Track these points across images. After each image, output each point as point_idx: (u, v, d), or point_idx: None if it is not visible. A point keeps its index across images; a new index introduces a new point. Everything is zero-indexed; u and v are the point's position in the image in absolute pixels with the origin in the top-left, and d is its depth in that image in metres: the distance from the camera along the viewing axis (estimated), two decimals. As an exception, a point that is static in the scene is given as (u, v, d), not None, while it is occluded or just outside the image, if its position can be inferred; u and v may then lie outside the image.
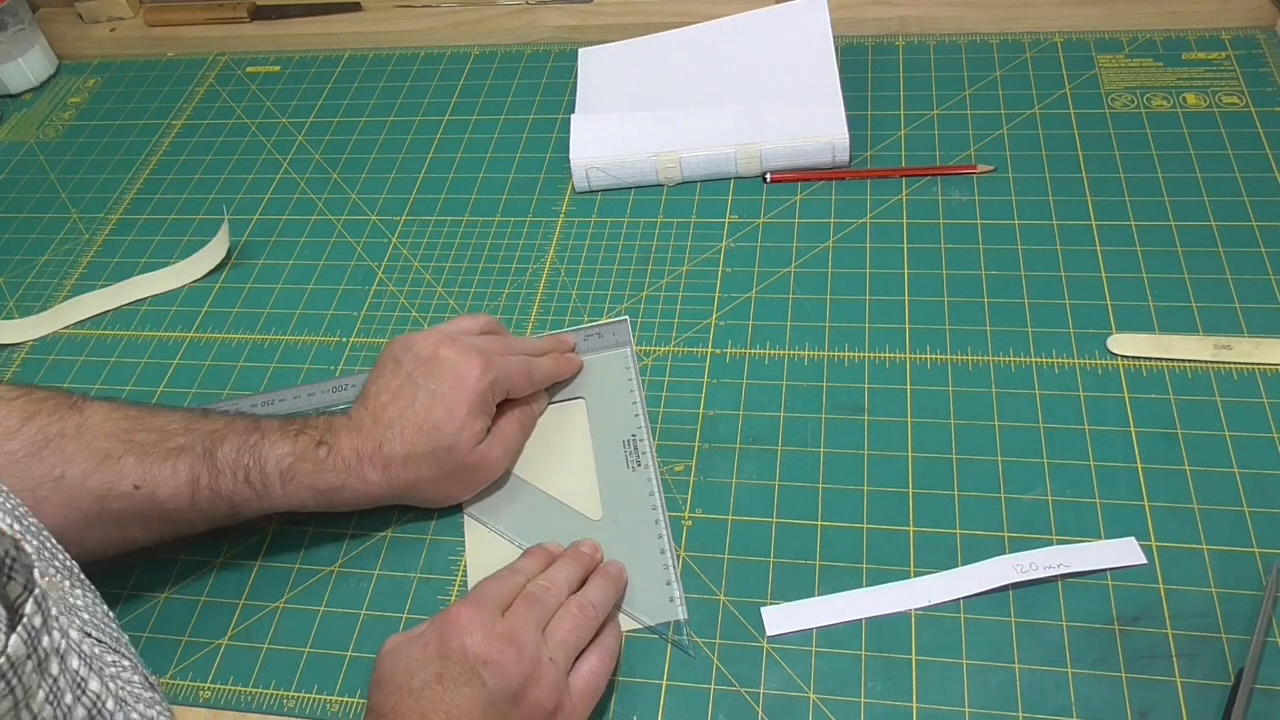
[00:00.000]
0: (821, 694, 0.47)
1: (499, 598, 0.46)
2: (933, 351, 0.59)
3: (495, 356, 0.53)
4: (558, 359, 0.59)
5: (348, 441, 0.51)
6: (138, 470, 0.48)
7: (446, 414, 0.51)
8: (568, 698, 0.44)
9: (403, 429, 0.51)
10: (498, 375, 0.53)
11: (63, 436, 0.48)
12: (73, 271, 0.74)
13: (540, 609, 0.46)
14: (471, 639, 0.42)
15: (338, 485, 0.50)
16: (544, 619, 0.46)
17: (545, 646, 0.44)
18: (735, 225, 0.68)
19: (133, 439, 0.49)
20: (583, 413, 0.58)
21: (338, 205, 0.75)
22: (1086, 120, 0.70)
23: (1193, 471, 0.52)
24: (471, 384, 0.52)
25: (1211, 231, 0.62)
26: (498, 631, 0.43)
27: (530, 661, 0.43)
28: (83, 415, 0.49)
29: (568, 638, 0.45)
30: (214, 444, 0.50)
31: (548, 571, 0.48)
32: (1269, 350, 0.56)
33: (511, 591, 0.47)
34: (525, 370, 0.55)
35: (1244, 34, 0.75)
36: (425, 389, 0.51)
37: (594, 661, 0.46)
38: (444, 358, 0.52)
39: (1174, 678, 0.45)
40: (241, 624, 0.53)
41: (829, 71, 0.72)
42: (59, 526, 0.45)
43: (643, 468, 0.55)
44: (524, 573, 0.48)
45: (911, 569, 0.50)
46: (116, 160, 0.83)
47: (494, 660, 0.42)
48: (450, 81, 0.84)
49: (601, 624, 0.48)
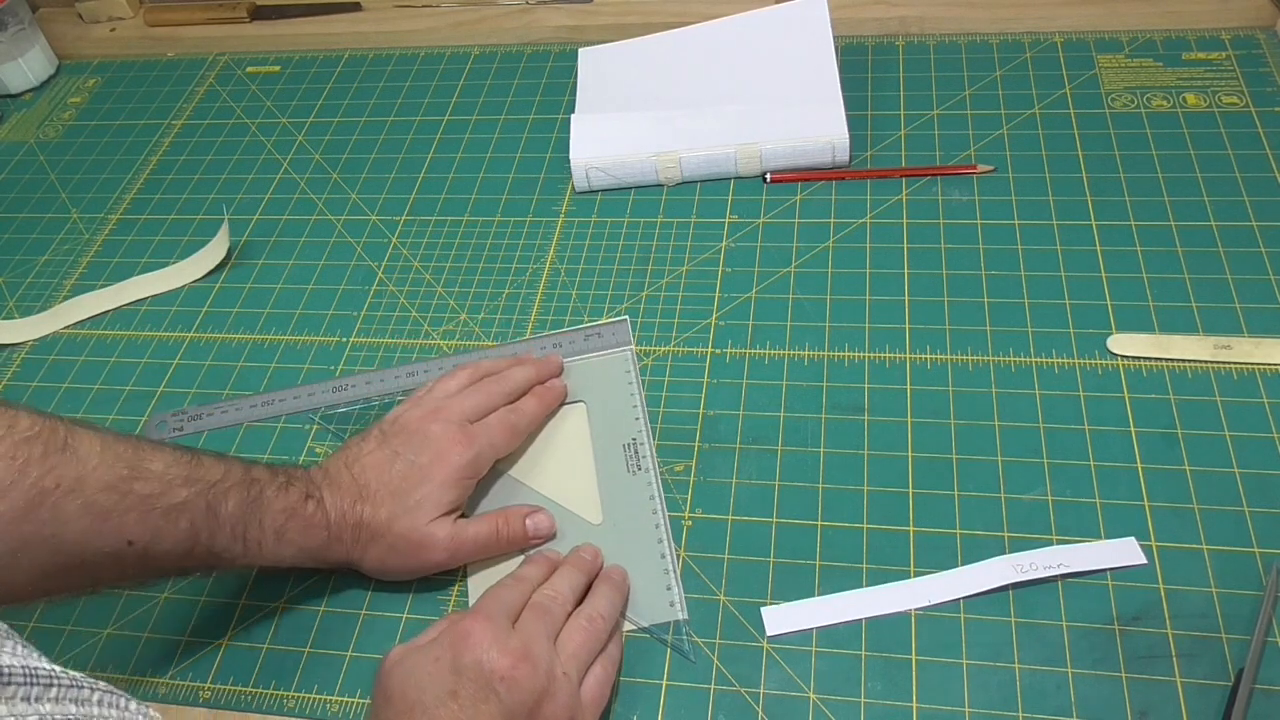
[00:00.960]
0: (821, 694, 0.47)
1: (508, 608, 0.45)
2: (933, 351, 0.59)
3: (478, 430, 0.53)
4: (541, 397, 0.58)
5: (330, 498, 0.50)
6: (138, 529, 0.45)
7: (419, 481, 0.51)
8: (580, 710, 0.44)
9: (376, 491, 0.50)
10: (481, 450, 0.53)
11: (59, 491, 0.43)
12: (73, 271, 0.74)
13: (550, 621, 0.45)
14: (486, 654, 0.42)
15: (321, 544, 0.50)
16: (554, 630, 0.45)
17: (558, 660, 0.44)
18: (735, 225, 0.68)
19: (131, 490, 0.45)
20: (583, 416, 0.58)
21: (338, 205, 0.75)
22: (1086, 120, 0.70)
23: (1193, 471, 0.52)
24: (453, 460, 0.51)
25: (1211, 231, 0.62)
26: (512, 646, 0.43)
27: (545, 676, 0.42)
28: (79, 461, 0.44)
29: (579, 651, 0.45)
30: (216, 499, 0.47)
31: (552, 580, 0.48)
32: (1269, 350, 0.56)
33: (519, 601, 0.46)
34: (510, 427, 0.55)
35: (1244, 34, 0.75)
36: (404, 459, 0.51)
37: (600, 672, 0.46)
38: (429, 433, 0.52)
39: (1174, 678, 0.45)
40: (241, 624, 0.53)
41: (829, 71, 0.72)
42: (30, 579, 0.43)
43: (643, 471, 0.55)
44: (529, 581, 0.48)
45: (911, 569, 0.50)
46: (116, 160, 0.83)
47: (509, 676, 0.41)
48: (450, 81, 0.84)
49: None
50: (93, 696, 0.29)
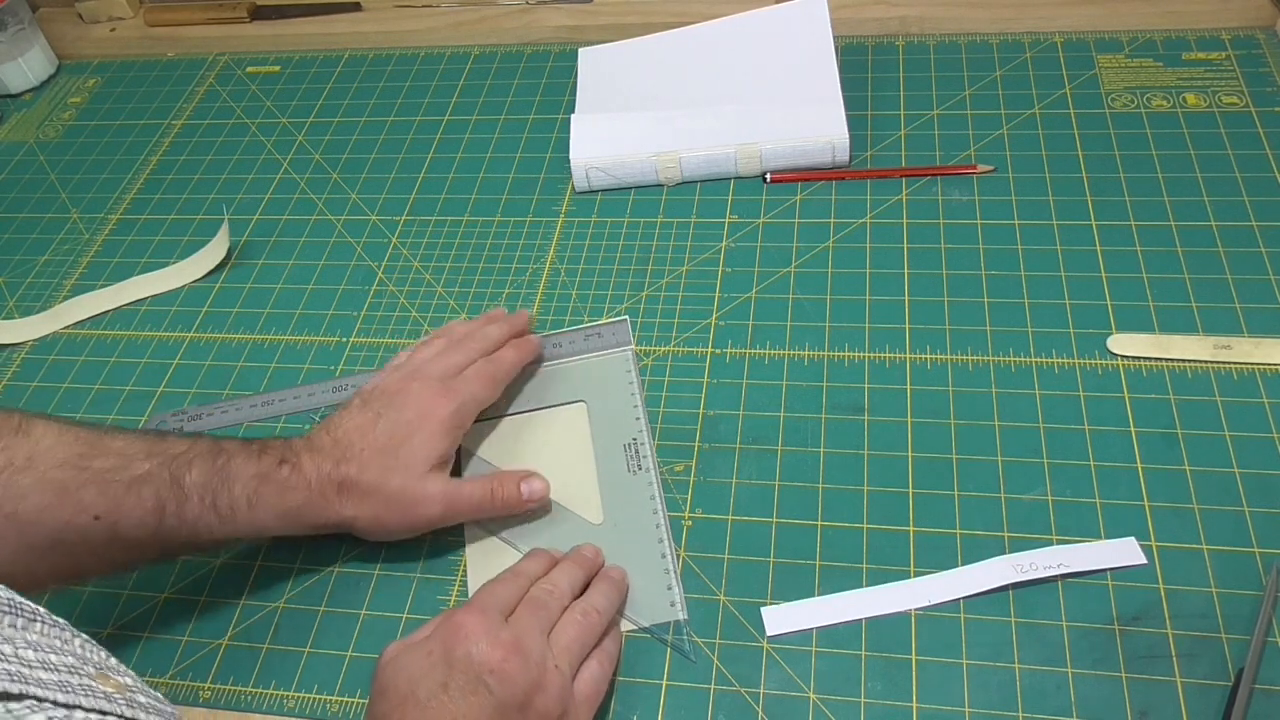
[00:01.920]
0: (821, 694, 0.47)
1: (503, 602, 0.45)
2: (933, 351, 0.59)
3: (458, 384, 0.53)
4: (519, 348, 0.58)
5: (308, 460, 0.50)
6: (100, 501, 0.46)
7: (406, 437, 0.51)
8: (572, 704, 0.44)
9: (361, 450, 0.50)
10: (464, 401, 0.53)
11: (12, 469, 0.45)
12: (73, 271, 0.74)
13: (545, 615, 0.45)
14: (477, 646, 0.42)
15: (299, 504, 0.50)
16: (549, 624, 0.45)
17: (551, 653, 0.44)
18: (735, 225, 0.68)
19: (89, 466, 0.46)
20: (584, 416, 0.58)
21: (338, 205, 0.75)
22: (1086, 120, 0.70)
23: (1193, 471, 0.52)
24: (437, 413, 0.52)
25: (1211, 231, 0.62)
26: (503, 639, 0.43)
27: (536, 669, 0.42)
28: (32, 441, 0.46)
29: (572, 644, 0.45)
30: (180, 469, 0.48)
31: (550, 575, 0.48)
32: (1269, 350, 0.56)
33: (515, 595, 0.46)
34: (489, 377, 0.55)
35: (1244, 34, 0.75)
36: (388, 418, 0.51)
37: (595, 667, 0.46)
38: (410, 390, 0.52)
39: (1174, 678, 0.45)
40: (241, 624, 0.53)
41: (829, 71, 0.72)
42: (8, 563, 0.44)
43: (644, 471, 0.55)
44: (526, 575, 0.48)
45: (911, 569, 0.50)
46: (116, 160, 0.83)
47: (500, 668, 0.41)
48: (450, 81, 0.84)
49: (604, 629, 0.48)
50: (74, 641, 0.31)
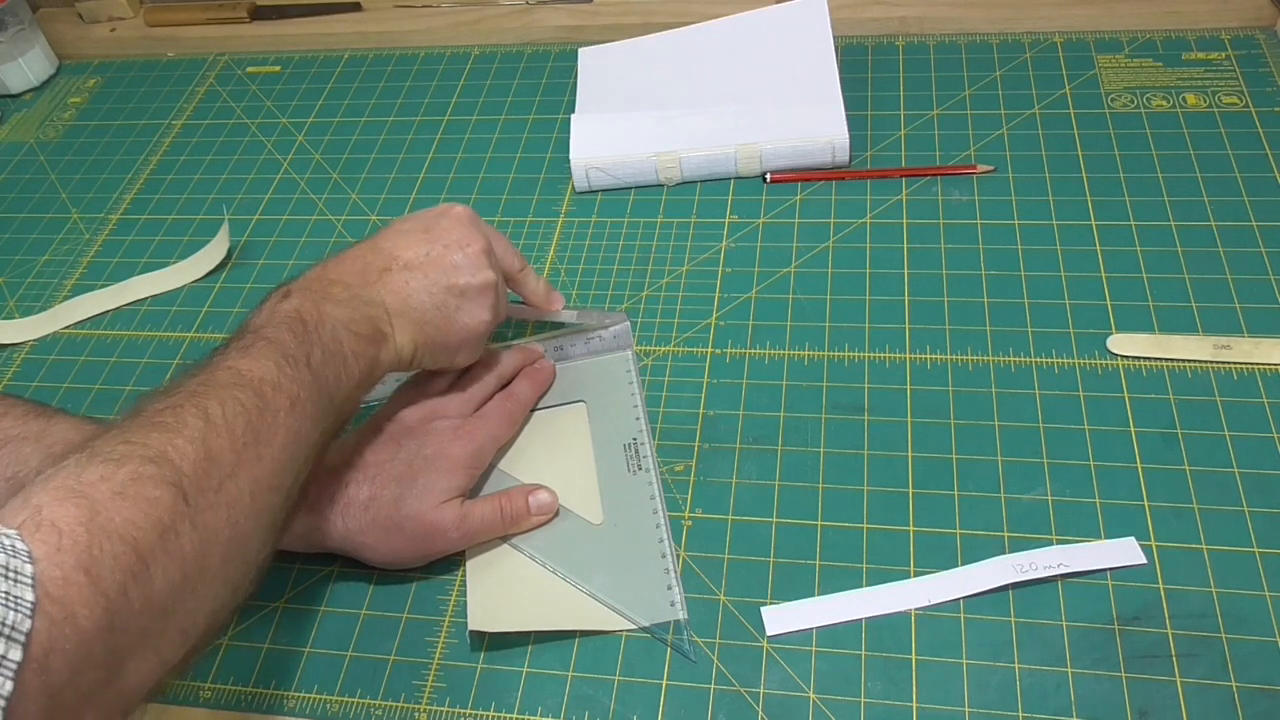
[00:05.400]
0: (821, 694, 0.47)
1: None
2: (933, 351, 0.59)
3: (478, 424, 0.54)
4: (533, 379, 0.59)
5: (310, 476, 0.50)
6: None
7: (424, 469, 0.51)
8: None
9: (374, 475, 0.51)
10: (482, 443, 0.53)
11: (22, 440, 0.48)
12: (73, 271, 0.74)
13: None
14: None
15: (306, 524, 0.50)
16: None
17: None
18: (735, 225, 0.68)
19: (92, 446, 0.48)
20: (584, 416, 0.58)
21: (338, 205, 0.75)
22: (1086, 120, 0.70)
23: (1193, 471, 0.52)
24: (456, 453, 0.52)
25: (1211, 231, 0.62)
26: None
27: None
28: (48, 422, 0.49)
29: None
30: None
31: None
32: (1269, 350, 0.56)
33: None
34: (508, 416, 0.56)
35: (1244, 34, 0.75)
36: (408, 449, 0.52)
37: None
38: (430, 429, 0.53)
39: (1174, 678, 0.45)
40: (241, 624, 0.53)
41: (829, 71, 0.72)
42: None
43: (644, 471, 0.55)
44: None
45: (911, 569, 0.50)
46: (116, 160, 0.83)
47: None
48: (450, 81, 0.84)
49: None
50: None
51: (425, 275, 0.51)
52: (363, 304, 0.49)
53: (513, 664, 0.49)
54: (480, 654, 0.50)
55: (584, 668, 0.49)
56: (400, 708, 0.49)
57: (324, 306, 0.48)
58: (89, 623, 0.33)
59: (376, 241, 0.53)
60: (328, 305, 0.48)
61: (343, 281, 0.50)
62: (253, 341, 0.45)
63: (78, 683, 0.33)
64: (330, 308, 0.48)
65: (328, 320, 0.47)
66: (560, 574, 0.52)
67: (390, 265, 0.51)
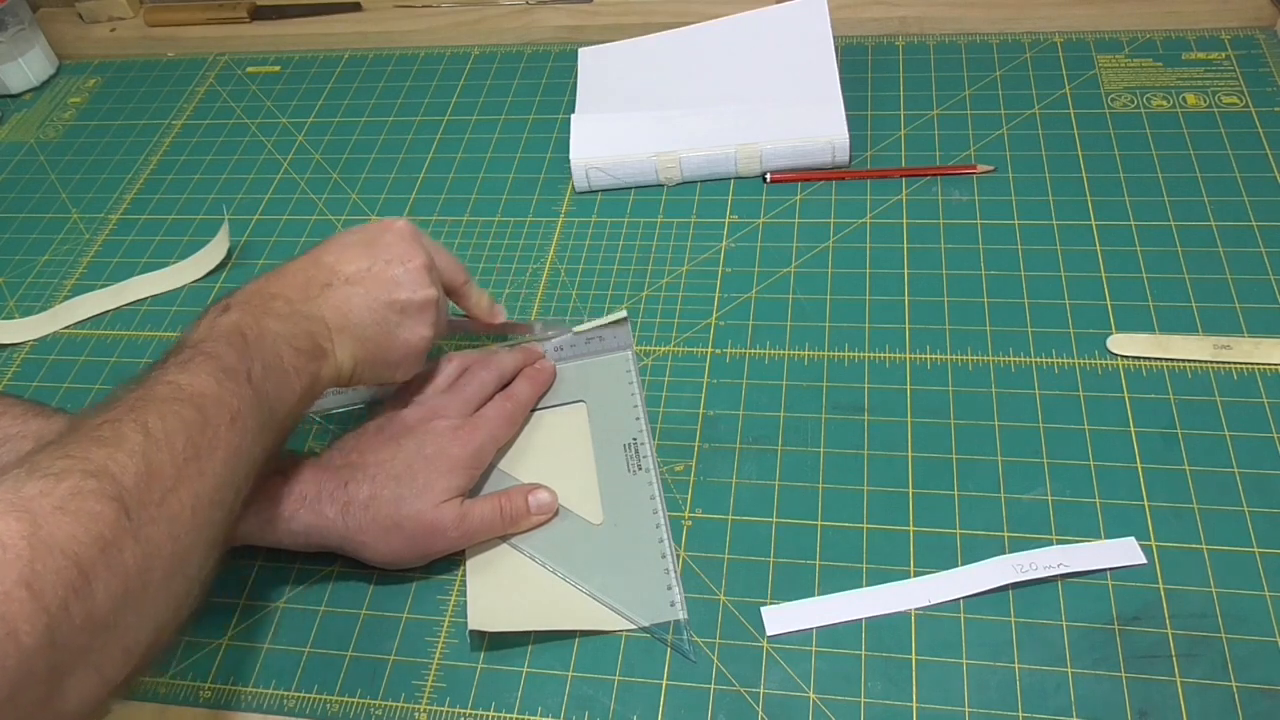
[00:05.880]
0: (821, 694, 0.47)
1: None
2: (933, 351, 0.59)
3: (478, 424, 0.54)
4: (533, 379, 0.59)
5: (310, 475, 0.50)
6: None
7: (424, 468, 0.51)
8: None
9: (374, 474, 0.50)
10: (482, 443, 0.53)
11: (21, 439, 0.48)
12: (73, 271, 0.74)
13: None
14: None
15: (287, 515, 0.50)
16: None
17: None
18: (735, 225, 0.68)
19: None
20: (584, 417, 0.58)
21: (338, 205, 0.75)
22: (1086, 120, 0.70)
23: (1193, 471, 0.52)
24: (456, 453, 0.52)
25: (1211, 231, 0.62)
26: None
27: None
28: (47, 422, 0.49)
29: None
30: None
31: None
32: (1269, 350, 0.56)
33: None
34: (508, 416, 0.56)
35: (1244, 34, 0.75)
36: (407, 449, 0.52)
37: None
38: (430, 428, 0.53)
39: (1174, 678, 0.45)
40: (241, 624, 0.53)
41: (829, 71, 0.72)
42: None
43: (644, 471, 0.55)
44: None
45: (911, 569, 0.50)
46: (116, 160, 0.83)
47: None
48: (450, 81, 0.84)
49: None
50: None
51: (366, 291, 0.51)
52: (303, 319, 0.49)
53: (513, 664, 0.49)
54: (480, 654, 0.50)
55: (584, 668, 0.49)
56: (400, 708, 0.49)
57: (264, 321, 0.47)
58: (30, 639, 0.32)
59: (317, 255, 0.52)
60: (268, 320, 0.47)
61: (283, 296, 0.49)
62: (191, 356, 0.44)
63: (17, 700, 0.32)
64: (271, 322, 0.47)
65: (268, 335, 0.47)
66: (560, 574, 0.52)
67: (331, 280, 0.51)
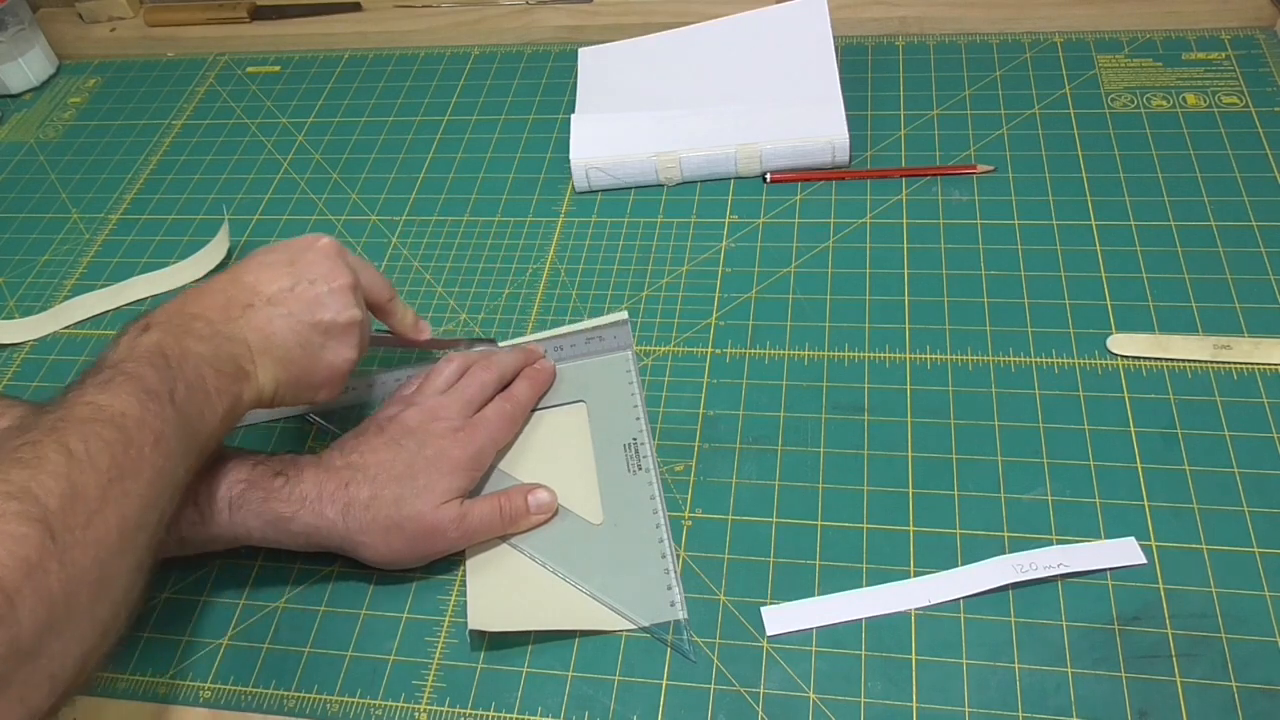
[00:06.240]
0: (821, 694, 0.47)
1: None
2: (933, 351, 0.59)
3: (478, 425, 0.54)
4: (532, 380, 0.59)
5: (311, 476, 0.50)
6: None
7: (424, 469, 0.51)
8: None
9: (375, 475, 0.50)
10: (483, 444, 0.53)
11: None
12: (73, 271, 0.74)
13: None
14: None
15: (287, 516, 0.50)
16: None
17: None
18: (735, 225, 0.68)
19: None
20: (584, 417, 0.58)
21: (338, 205, 0.75)
22: (1086, 120, 0.70)
23: (1193, 471, 0.52)
24: (455, 455, 0.52)
25: (1211, 231, 0.62)
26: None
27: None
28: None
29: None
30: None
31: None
32: (1269, 350, 0.56)
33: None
34: (508, 418, 0.56)
35: (1244, 34, 0.75)
36: (408, 450, 0.51)
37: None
38: (430, 430, 0.53)
39: (1174, 678, 0.45)
40: (241, 624, 0.53)
41: (829, 71, 0.72)
42: None
43: (644, 471, 0.55)
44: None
45: (911, 569, 0.50)
46: (116, 160, 0.83)
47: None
48: (450, 81, 0.84)
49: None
50: None
51: (289, 311, 0.50)
52: (225, 341, 0.48)
53: (513, 664, 0.49)
54: (480, 654, 0.50)
55: (584, 668, 0.49)
56: (400, 708, 0.49)
57: (186, 342, 0.46)
58: None
59: (238, 274, 0.51)
60: (190, 341, 0.47)
61: (204, 316, 0.48)
62: (112, 376, 0.43)
63: None
64: (192, 343, 0.47)
65: (190, 356, 0.46)
66: (560, 574, 0.52)
67: (253, 301, 0.50)
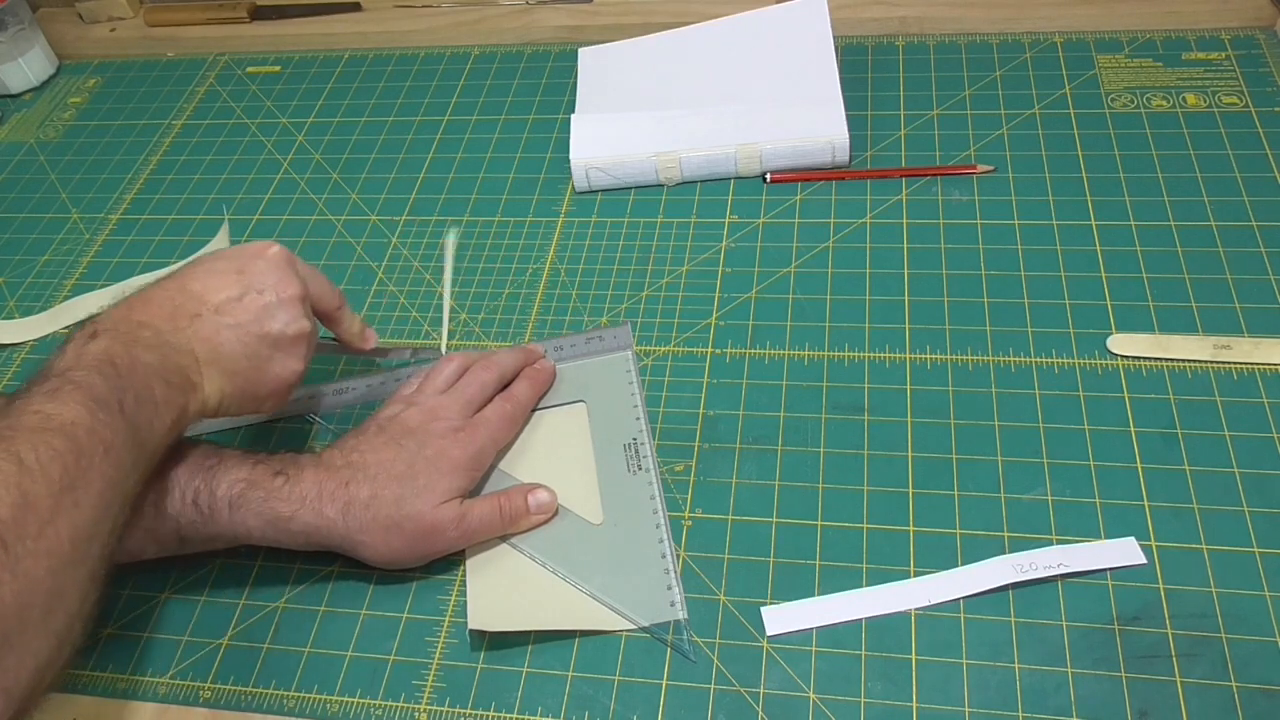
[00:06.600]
0: (821, 694, 0.47)
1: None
2: (933, 351, 0.59)
3: (478, 426, 0.54)
4: (532, 379, 0.59)
5: (311, 475, 0.50)
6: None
7: (424, 469, 0.51)
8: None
9: (375, 475, 0.50)
10: (483, 444, 0.54)
11: None
12: (73, 271, 0.74)
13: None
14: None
15: (287, 515, 0.49)
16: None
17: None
18: (735, 225, 0.68)
19: None
20: (584, 417, 0.58)
21: (338, 205, 0.75)
22: (1086, 120, 0.70)
23: (1193, 471, 0.52)
24: (456, 455, 0.52)
25: (1211, 231, 0.62)
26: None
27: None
28: None
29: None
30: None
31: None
32: (1269, 350, 0.56)
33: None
34: (509, 418, 0.56)
35: (1244, 34, 0.75)
36: (408, 449, 0.51)
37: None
38: (431, 430, 0.53)
39: (1174, 678, 0.45)
40: (241, 624, 0.53)
41: (829, 71, 0.72)
42: None
43: (644, 471, 0.55)
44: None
45: (911, 569, 0.50)
46: (116, 160, 0.83)
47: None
48: (450, 81, 0.84)
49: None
50: None
51: (236, 322, 0.49)
52: (172, 351, 0.47)
53: (513, 664, 0.49)
54: (480, 654, 0.50)
55: (584, 668, 0.49)
56: (400, 708, 0.49)
57: (134, 350, 0.46)
58: None
59: (184, 281, 0.50)
60: (138, 349, 0.46)
61: (151, 325, 0.48)
62: (60, 385, 0.42)
63: None
64: (141, 352, 0.46)
65: (139, 365, 0.45)
66: (560, 574, 0.52)
67: (200, 310, 0.49)
